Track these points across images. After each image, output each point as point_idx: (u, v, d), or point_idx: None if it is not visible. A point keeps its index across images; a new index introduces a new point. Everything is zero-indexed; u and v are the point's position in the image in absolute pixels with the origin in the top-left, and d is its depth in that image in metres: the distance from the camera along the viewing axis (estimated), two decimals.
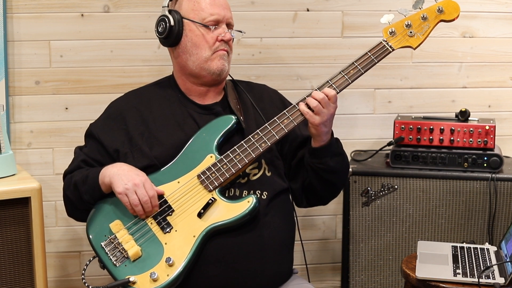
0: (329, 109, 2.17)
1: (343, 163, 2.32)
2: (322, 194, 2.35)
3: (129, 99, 2.37)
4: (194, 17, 2.27)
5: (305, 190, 2.35)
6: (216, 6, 2.28)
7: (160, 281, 2.07)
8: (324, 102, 2.16)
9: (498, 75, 3.08)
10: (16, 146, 2.84)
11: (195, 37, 2.27)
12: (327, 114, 2.17)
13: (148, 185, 2.13)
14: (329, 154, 2.25)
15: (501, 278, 2.24)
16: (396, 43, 2.24)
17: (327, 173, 2.27)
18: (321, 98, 2.16)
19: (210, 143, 2.22)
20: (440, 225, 2.76)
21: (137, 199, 2.11)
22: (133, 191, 2.11)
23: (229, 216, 2.12)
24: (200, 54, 2.27)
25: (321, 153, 2.24)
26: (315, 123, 2.17)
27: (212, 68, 2.27)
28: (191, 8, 2.27)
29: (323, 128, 2.19)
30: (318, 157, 2.25)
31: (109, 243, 2.14)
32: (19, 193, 2.36)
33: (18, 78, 2.81)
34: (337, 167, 2.29)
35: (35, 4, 2.77)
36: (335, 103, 2.19)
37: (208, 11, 2.26)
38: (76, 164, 2.31)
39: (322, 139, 2.22)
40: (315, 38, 2.98)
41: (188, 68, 2.30)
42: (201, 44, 2.26)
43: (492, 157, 2.74)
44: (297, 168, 2.35)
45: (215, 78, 2.30)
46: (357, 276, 2.84)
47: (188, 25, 2.27)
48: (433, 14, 2.25)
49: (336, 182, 2.33)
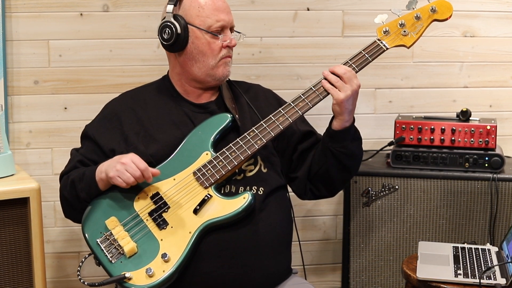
0: (352, 84, 2.16)
1: (361, 148, 2.34)
2: (335, 182, 2.33)
3: (124, 100, 2.38)
4: (200, 24, 2.25)
5: (317, 178, 2.33)
6: (221, 11, 2.26)
7: (156, 277, 2.07)
8: (347, 76, 2.15)
9: (499, 75, 3.08)
10: (15, 146, 2.84)
11: (201, 45, 2.25)
12: (351, 89, 2.15)
13: (136, 159, 2.12)
14: (349, 138, 2.24)
15: (503, 279, 2.24)
16: (390, 42, 2.25)
17: (346, 158, 2.26)
18: (343, 72, 2.16)
19: (206, 140, 2.22)
20: (441, 226, 2.76)
21: (131, 176, 2.10)
22: (124, 170, 2.10)
23: (224, 213, 2.12)
24: (207, 61, 2.26)
25: (343, 135, 2.23)
26: (339, 99, 2.14)
27: (217, 75, 2.28)
28: (196, 14, 2.25)
29: (347, 105, 2.16)
30: (339, 141, 2.23)
31: (104, 240, 2.14)
32: (18, 193, 2.37)
33: (17, 78, 2.81)
34: (356, 152, 2.30)
35: (34, 4, 2.77)
36: (357, 79, 2.16)
37: (214, 18, 2.25)
38: (72, 165, 2.31)
39: (345, 119, 2.20)
40: (315, 38, 2.98)
41: (193, 74, 2.30)
42: (207, 52, 2.26)
43: (494, 157, 2.74)
44: (299, 159, 2.34)
45: (218, 83, 2.32)
46: (357, 277, 2.83)
47: (194, 32, 2.25)
48: (426, 13, 2.26)
49: (352, 168, 2.33)
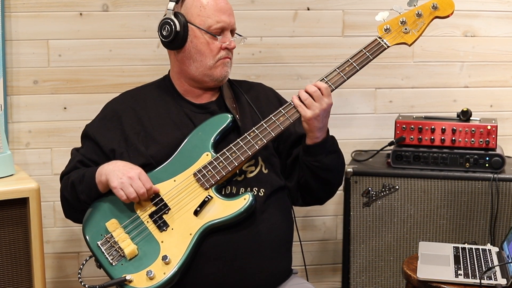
0: (322, 103, 2.15)
1: (338, 160, 2.30)
2: (318, 193, 2.33)
3: (124, 99, 2.37)
4: (200, 24, 2.24)
5: (301, 188, 2.33)
6: (222, 12, 2.25)
7: (156, 279, 2.06)
8: (316, 95, 2.15)
9: (500, 75, 3.07)
10: (14, 146, 2.84)
11: (200, 44, 2.25)
12: (319, 108, 2.15)
13: (144, 177, 2.13)
14: (323, 152, 2.23)
15: (503, 279, 2.23)
16: (391, 39, 2.24)
17: (322, 171, 2.25)
18: (313, 91, 2.15)
19: (206, 141, 2.21)
20: (442, 226, 2.75)
21: (134, 192, 2.10)
22: (128, 185, 2.10)
23: (225, 214, 2.11)
24: (204, 61, 2.26)
25: (316, 150, 2.22)
26: (306, 117, 2.15)
27: (215, 75, 2.27)
28: (197, 13, 2.24)
29: (316, 123, 2.16)
30: (312, 155, 2.23)
31: (105, 242, 2.13)
32: (17, 193, 2.37)
33: (16, 78, 2.80)
34: (333, 164, 2.27)
35: (33, 3, 2.77)
36: (329, 98, 2.16)
37: (214, 18, 2.24)
38: (72, 165, 2.30)
39: (316, 136, 2.20)
40: (315, 37, 2.97)
41: (190, 73, 2.29)
42: (205, 52, 2.25)
43: (494, 157, 2.73)
44: (292, 166, 2.33)
45: (217, 84, 2.31)
46: (357, 277, 2.83)
47: (193, 31, 2.25)
48: (428, 11, 2.25)
49: (331, 180, 2.31)
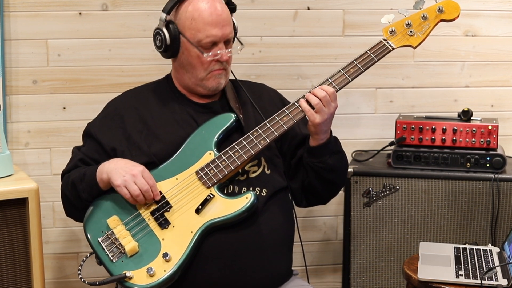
0: (330, 108, 2.15)
1: (342, 161, 2.30)
2: (322, 193, 2.33)
3: (127, 98, 2.36)
4: (190, 37, 2.21)
5: (305, 189, 2.33)
6: (214, 26, 2.20)
7: (157, 277, 2.05)
8: (326, 100, 2.14)
9: (501, 74, 3.07)
10: (13, 146, 2.83)
11: (190, 58, 2.23)
12: (328, 113, 2.15)
13: (147, 174, 2.13)
14: (327, 153, 2.23)
15: (504, 280, 2.23)
16: (396, 42, 2.24)
17: (326, 172, 2.25)
18: (323, 96, 2.14)
19: (209, 140, 2.21)
20: (442, 226, 2.75)
21: (138, 189, 2.09)
22: (132, 182, 2.10)
23: (227, 212, 2.11)
24: (195, 73, 2.25)
25: (320, 151, 2.22)
26: (316, 122, 2.14)
27: (208, 86, 2.26)
28: (188, 26, 2.21)
29: (323, 127, 2.17)
30: (317, 156, 2.23)
31: (106, 239, 2.13)
32: (16, 193, 2.37)
33: (15, 78, 2.80)
34: (337, 165, 2.27)
35: (32, 3, 2.77)
36: (335, 102, 2.17)
37: (204, 33, 2.20)
38: (73, 163, 2.29)
39: (320, 138, 2.20)
40: (315, 37, 2.97)
41: (184, 81, 2.29)
42: (196, 65, 2.23)
43: (495, 157, 2.73)
44: (296, 167, 2.33)
45: (211, 93, 2.30)
46: (358, 278, 2.82)
47: (184, 44, 2.23)
48: (434, 13, 2.25)
49: (336, 180, 2.31)
